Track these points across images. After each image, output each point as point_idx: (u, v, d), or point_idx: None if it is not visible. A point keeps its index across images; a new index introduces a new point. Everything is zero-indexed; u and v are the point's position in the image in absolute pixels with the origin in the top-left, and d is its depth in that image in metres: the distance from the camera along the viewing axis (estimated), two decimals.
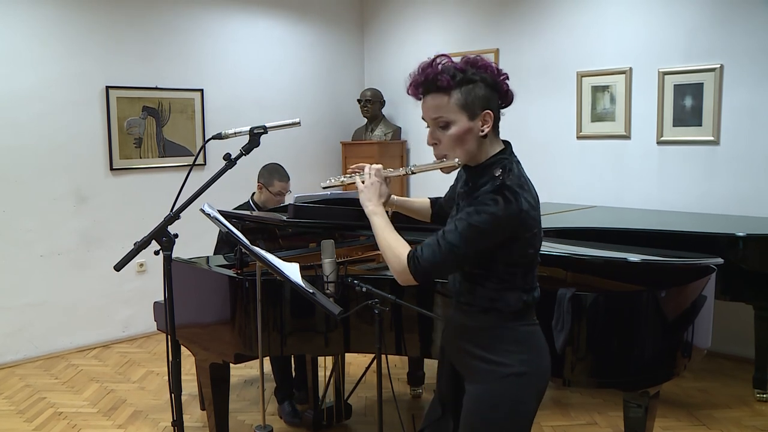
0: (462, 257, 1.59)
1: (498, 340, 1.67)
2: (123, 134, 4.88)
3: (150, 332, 5.01)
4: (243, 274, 2.79)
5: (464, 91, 1.62)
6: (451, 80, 1.61)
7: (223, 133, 2.01)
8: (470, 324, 1.71)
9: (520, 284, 1.65)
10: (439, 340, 2.62)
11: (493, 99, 1.65)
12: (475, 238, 1.55)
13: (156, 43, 5.04)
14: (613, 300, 2.37)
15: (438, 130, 1.68)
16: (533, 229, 1.61)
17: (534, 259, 1.67)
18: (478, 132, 1.64)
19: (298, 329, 2.74)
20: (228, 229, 2.39)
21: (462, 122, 1.63)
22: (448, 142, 1.66)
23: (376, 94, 6.08)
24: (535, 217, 1.62)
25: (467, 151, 1.65)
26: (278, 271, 2.24)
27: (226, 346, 2.76)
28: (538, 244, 1.66)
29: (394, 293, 2.38)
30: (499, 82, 1.65)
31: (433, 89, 1.66)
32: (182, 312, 2.77)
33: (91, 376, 4.24)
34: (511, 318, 1.66)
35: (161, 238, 1.92)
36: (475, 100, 1.62)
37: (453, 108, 1.63)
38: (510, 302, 1.65)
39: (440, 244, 1.58)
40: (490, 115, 1.63)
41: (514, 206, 1.54)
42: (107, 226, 4.85)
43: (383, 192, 1.81)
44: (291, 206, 2.83)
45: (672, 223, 3.77)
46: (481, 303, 1.67)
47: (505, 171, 1.62)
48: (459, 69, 1.63)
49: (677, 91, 4.43)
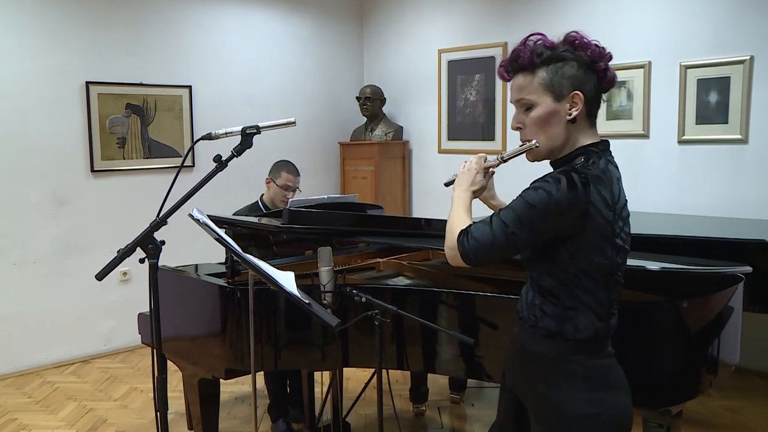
0: (513, 239, 1.53)
1: (563, 375, 1.59)
2: (105, 133, 4.90)
3: (134, 346, 5.02)
4: (234, 283, 2.81)
5: (551, 69, 1.58)
6: (535, 58, 1.58)
7: (213, 133, 2.04)
8: (531, 348, 1.66)
9: (593, 305, 1.58)
10: (443, 353, 2.64)
11: (588, 81, 1.59)
12: (529, 218, 1.51)
13: (141, 36, 5.07)
14: (631, 311, 2.36)
15: (522, 113, 1.64)
16: (605, 232, 1.54)
17: (610, 275, 1.59)
18: (565, 115, 1.59)
19: (293, 342, 2.75)
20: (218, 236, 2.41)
21: (546, 103, 1.59)
22: (531, 125, 1.62)
23: (376, 92, 6.10)
24: (610, 219, 1.54)
25: (551, 136, 1.60)
26: (272, 280, 2.26)
27: (216, 361, 2.77)
28: (613, 255, 1.57)
29: (395, 303, 2.39)
30: (597, 64, 1.59)
31: (518, 68, 1.63)
32: (169, 324, 2.78)
33: (68, 394, 4.25)
34: (579, 349, 1.59)
35: (147, 245, 1.94)
36: (562, 80, 1.58)
37: (536, 88, 1.59)
38: (579, 326, 1.58)
39: (492, 223, 1.56)
40: (580, 97, 1.57)
41: (579, 194, 1.49)
42: (88, 232, 4.87)
43: (477, 181, 1.73)
44: (286, 211, 2.85)
45: (695, 229, 3.77)
46: (547, 324, 1.61)
47: (587, 160, 1.57)
48: (548, 46, 1.60)
49: (701, 85, 4.43)
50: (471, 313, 2.58)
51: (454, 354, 2.62)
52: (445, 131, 5.96)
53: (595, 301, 1.58)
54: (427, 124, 6.12)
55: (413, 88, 6.21)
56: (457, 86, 5.82)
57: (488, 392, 4.10)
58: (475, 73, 5.66)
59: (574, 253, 1.55)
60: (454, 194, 1.74)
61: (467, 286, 2.78)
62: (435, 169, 6.07)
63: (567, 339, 1.59)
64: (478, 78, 5.65)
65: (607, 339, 1.64)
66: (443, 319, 2.61)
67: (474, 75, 5.68)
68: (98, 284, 2.75)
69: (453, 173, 1.83)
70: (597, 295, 1.58)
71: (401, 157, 6.18)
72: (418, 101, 6.19)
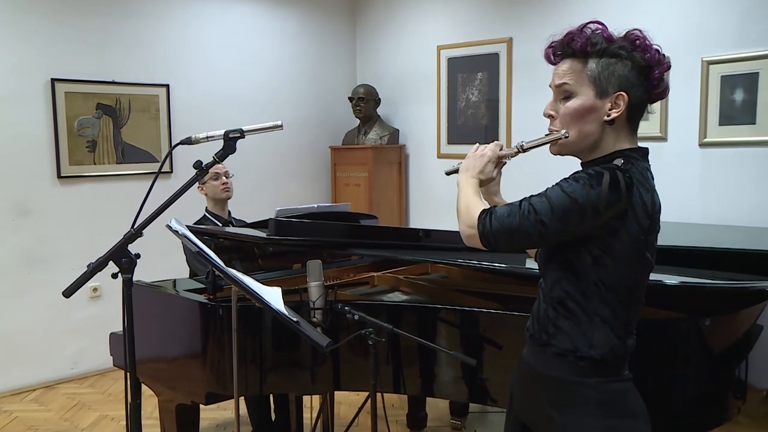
0: (541, 229, 1.53)
1: (575, 400, 1.60)
2: (73, 136, 4.90)
3: (104, 369, 5.00)
4: (216, 299, 2.81)
5: (603, 63, 1.60)
6: (590, 46, 1.60)
7: (194, 137, 2.04)
8: (541, 370, 1.67)
9: (611, 320, 1.58)
10: (443, 375, 2.64)
11: (638, 85, 1.60)
12: (563, 209, 1.50)
13: (113, 29, 5.07)
14: (647, 329, 2.36)
15: (559, 101, 1.65)
16: (637, 241, 1.55)
17: (633, 291, 1.61)
18: (603, 115, 1.60)
19: (280, 364, 2.75)
20: (198, 249, 2.41)
21: (587, 96, 1.60)
22: (565, 115, 1.63)
23: (370, 92, 6.13)
24: (645, 227, 1.55)
25: (583, 132, 1.61)
26: (257, 296, 2.26)
27: (196, 384, 2.77)
28: (639, 269, 1.59)
29: (391, 321, 2.40)
30: (652, 70, 1.61)
31: (569, 53, 1.64)
32: (144, 344, 2.77)
33: (28, 424, 4.22)
34: (593, 370, 1.59)
35: (120, 259, 1.94)
36: (610, 77, 1.59)
37: (582, 78, 1.61)
38: (594, 343, 1.58)
39: (521, 206, 1.55)
40: (624, 99, 1.58)
41: (622, 193, 1.49)
42: (54, 245, 4.86)
43: (486, 170, 1.73)
44: (272, 221, 2.85)
45: (717, 240, 3.79)
46: (560, 342, 1.62)
47: (627, 163, 1.57)
48: (607, 38, 1.61)
49: (725, 83, 4.42)
50: (474, 331, 2.58)
51: (455, 376, 2.62)
52: (444, 134, 5.99)
53: (613, 316, 1.59)
54: (426, 127, 6.14)
55: (410, 88, 6.23)
56: (457, 86, 5.85)
57: (492, 417, 4.09)
58: (478, 72, 5.68)
59: (599, 259, 1.55)
60: (459, 178, 1.74)
61: (469, 302, 2.78)
62: (434, 175, 6.08)
63: (580, 358, 1.59)
64: (481, 77, 5.67)
65: (624, 360, 1.65)
66: (443, 338, 2.62)
67: (476, 73, 5.71)
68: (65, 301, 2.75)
69: (457, 161, 1.82)
70: (616, 310, 1.59)
71: (397, 162, 6.20)
72: (415, 102, 6.21)
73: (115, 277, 1.97)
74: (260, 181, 5.82)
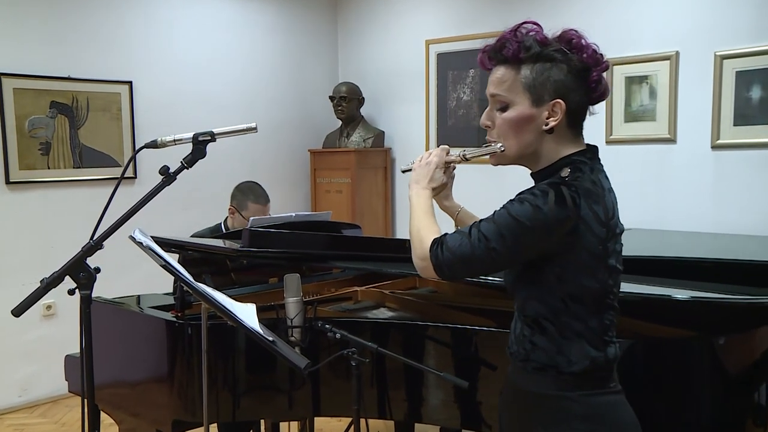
0: (494, 254, 1.59)
1: (560, 415, 1.65)
2: (24, 137, 4.87)
3: (58, 395, 4.96)
4: (184, 317, 2.81)
5: (537, 69, 1.64)
6: (522, 51, 1.64)
7: (160, 140, 2.04)
8: (525, 387, 1.73)
9: (585, 333, 1.65)
10: (433, 399, 2.65)
11: (576, 90, 1.65)
12: (512, 233, 1.57)
13: (69, 19, 5.04)
14: (655, 348, 2.40)
15: (495, 111, 1.72)
16: (596, 251, 1.61)
17: (602, 299, 1.66)
18: (541, 124, 1.65)
19: (254, 388, 2.75)
20: (164, 262, 2.41)
21: (522, 106, 1.66)
22: (501, 126, 1.69)
23: (352, 90, 6.15)
24: (602, 237, 1.62)
25: (521, 144, 1.68)
26: (229, 313, 2.26)
27: (162, 411, 2.76)
28: (605, 277, 1.65)
29: (375, 340, 2.41)
30: (590, 72, 1.66)
31: (500, 60, 1.69)
32: (104, 368, 2.75)
33: None
34: (575, 384, 1.65)
35: (78, 273, 1.94)
36: (546, 83, 1.64)
37: (517, 86, 1.66)
38: (572, 358, 1.64)
39: (471, 233, 1.62)
40: (561, 107, 1.63)
41: (569, 209, 1.56)
42: (2, 258, 4.82)
43: (436, 177, 1.85)
44: (246, 232, 2.86)
45: (732, 250, 3.82)
46: (538, 357, 1.68)
47: (574, 171, 1.64)
48: (540, 41, 1.65)
49: (740, 79, 4.44)
50: (466, 350, 2.60)
51: (446, 400, 2.63)
52: (434, 136, 6.01)
53: (587, 329, 1.65)
54: (413, 129, 6.17)
55: (397, 86, 6.26)
56: (448, 83, 5.88)
57: None
58: (469, 68, 5.72)
59: (561, 276, 1.62)
60: (410, 192, 1.85)
61: (461, 319, 2.79)
62: None
63: (560, 371, 1.65)
64: (473, 74, 5.71)
65: (608, 372, 1.70)
66: (432, 358, 2.63)
67: (468, 70, 5.74)
68: (14, 321, 2.71)
69: (412, 159, 1.90)
70: (589, 322, 1.65)
71: (383, 167, 6.22)
72: (402, 101, 6.24)
73: (71, 294, 1.97)
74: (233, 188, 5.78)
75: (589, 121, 1.71)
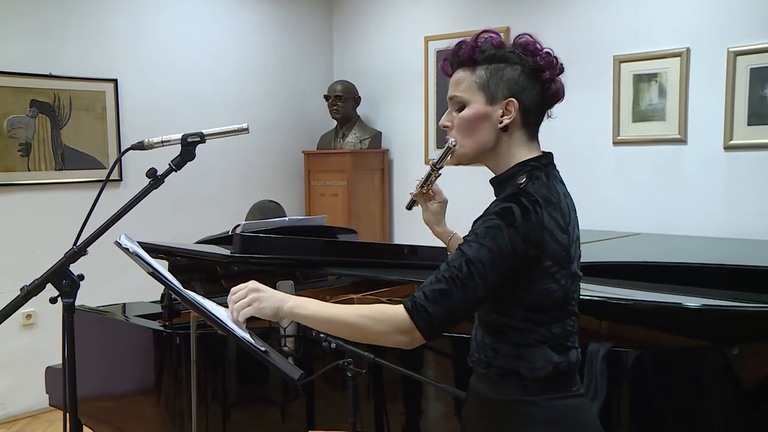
0: (481, 292, 1.62)
1: (522, 420, 1.72)
2: (2, 137, 4.86)
3: (39, 409, 4.95)
4: (173, 326, 2.81)
5: (491, 69, 1.76)
6: (477, 54, 1.77)
7: (147, 141, 2.04)
8: (487, 394, 1.78)
9: (550, 340, 1.71)
10: (432, 411, 2.66)
11: (528, 89, 1.76)
12: (493, 265, 1.61)
13: (50, 13, 5.03)
14: (665, 359, 2.40)
15: (454, 112, 1.83)
16: (558, 256, 1.67)
17: (563, 305, 1.73)
18: (496, 122, 1.76)
19: (245, 400, 2.75)
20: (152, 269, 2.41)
21: (478, 105, 1.77)
22: (458, 125, 1.80)
23: (348, 89, 6.15)
24: (565, 243, 1.69)
25: (478, 142, 1.79)
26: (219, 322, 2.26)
27: (148, 425, 2.76)
28: (567, 283, 1.72)
29: (372, 350, 2.40)
30: (542, 73, 1.76)
31: (458, 63, 1.83)
32: (87, 380, 2.76)
33: None
34: (538, 388, 1.71)
35: (60, 281, 1.94)
36: (499, 82, 1.75)
37: (471, 86, 1.78)
38: (535, 364, 1.70)
39: (447, 280, 1.62)
40: (514, 105, 1.74)
41: (533, 218, 1.62)
42: None
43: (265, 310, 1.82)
44: (237, 237, 2.86)
45: (745, 256, 3.82)
46: (501, 364, 1.74)
47: (530, 179, 1.72)
48: (495, 44, 1.77)
49: (755, 76, 4.44)
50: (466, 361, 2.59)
51: (446, 412, 2.63)
52: (433, 137, 6.02)
53: (550, 335, 1.71)
54: (412, 129, 6.17)
55: (394, 85, 6.27)
56: (447, 82, 5.87)
57: None
58: None
59: (527, 287, 1.68)
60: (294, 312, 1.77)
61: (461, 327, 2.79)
62: None
63: (523, 377, 1.71)
64: None
65: (571, 376, 1.77)
66: (432, 368, 2.63)
67: None
68: None
69: (410, 191, 2.01)
70: (551, 329, 1.72)
71: (380, 169, 6.22)
72: (400, 101, 6.25)
73: (53, 302, 1.96)
74: (223, 192, 5.80)
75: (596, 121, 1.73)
